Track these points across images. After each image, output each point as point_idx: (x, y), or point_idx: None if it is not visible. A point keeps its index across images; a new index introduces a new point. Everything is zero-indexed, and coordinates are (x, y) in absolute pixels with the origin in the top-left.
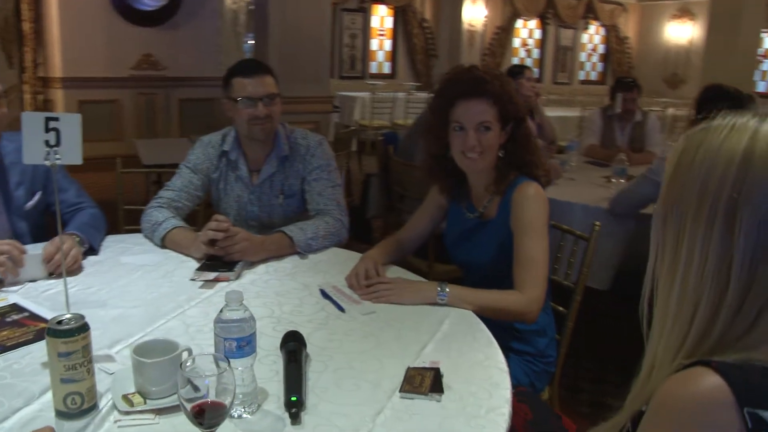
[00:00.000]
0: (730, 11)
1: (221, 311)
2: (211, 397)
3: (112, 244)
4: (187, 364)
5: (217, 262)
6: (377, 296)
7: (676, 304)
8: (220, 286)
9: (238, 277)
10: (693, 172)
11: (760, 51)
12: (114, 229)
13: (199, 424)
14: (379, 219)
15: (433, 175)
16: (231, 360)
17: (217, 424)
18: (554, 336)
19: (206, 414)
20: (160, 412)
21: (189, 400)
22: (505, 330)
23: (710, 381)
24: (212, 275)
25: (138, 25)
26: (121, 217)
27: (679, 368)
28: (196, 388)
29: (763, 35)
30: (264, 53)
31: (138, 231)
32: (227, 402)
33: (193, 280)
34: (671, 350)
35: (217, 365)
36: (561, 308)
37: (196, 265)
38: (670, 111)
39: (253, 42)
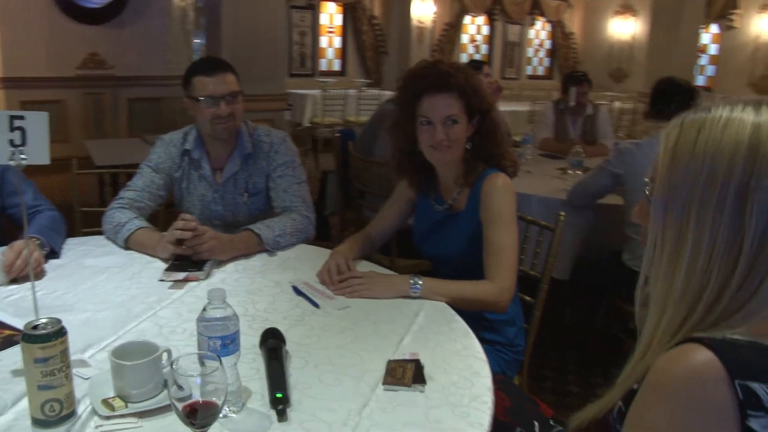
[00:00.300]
0: (672, 7)
1: (204, 310)
2: (198, 397)
3: (74, 246)
4: (176, 363)
5: (186, 262)
6: (351, 291)
7: (682, 286)
8: (190, 286)
9: (207, 276)
10: (696, 161)
11: (698, 46)
12: (71, 231)
13: (191, 424)
14: (337, 216)
15: (403, 170)
16: (210, 361)
17: (209, 424)
18: (522, 325)
19: (199, 414)
20: (142, 415)
21: (180, 400)
22: (476, 320)
23: (702, 356)
24: (182, 275)
25: (82, 23)
26: (78, 219)
27: (672, 346)
28: (180, 388)
29: (700, 31)
30: (217, 52)
31: (97, 233)
32: (219, 401)
33: (162, 280)
34: (671, 330)
35: (203, 364)
36: (528, 298)
37: (162, 265)
38: (617, 104)
39: (204, 41)
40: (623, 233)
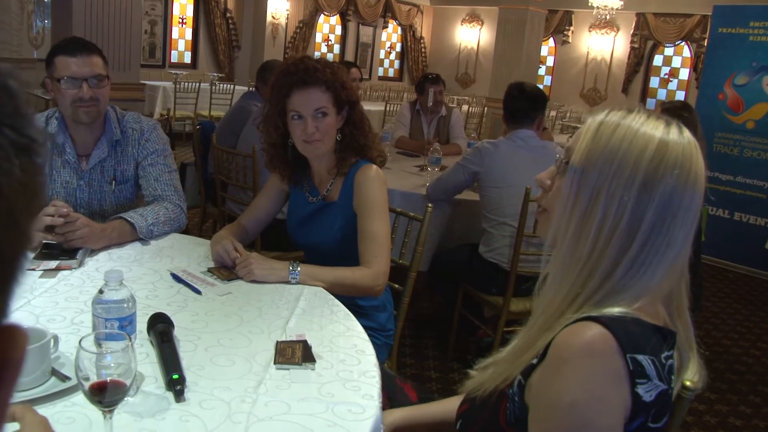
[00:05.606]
0: (516, 20)
1: (101, 292)
2: (106, 376)
3: None
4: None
5: (56, 250)
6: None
7: (587, 252)
8: (63, 275)
9: (81, 264)
10: (613, 144)
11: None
12: None
13: (98, 402)
14: (197, 209)
15: (274, 165)
16: (113, 342)
17: (116, 403)
18: (393, 311)
19: (107, 392)
20: (33, 402)
21: (86, 380)
22: (348, 306)
23: (597, 331)
24: (53, 263)
25: None
26: None
27: (568, 324)
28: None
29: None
30: (66, 35)
31: None
32: (127, 381)
33: (31, 269)
34: (565, 303)
35: (100, 345)
36: (397, 285)
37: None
38: (464, 108)
39: (49, 23)
40: (480, 227)
